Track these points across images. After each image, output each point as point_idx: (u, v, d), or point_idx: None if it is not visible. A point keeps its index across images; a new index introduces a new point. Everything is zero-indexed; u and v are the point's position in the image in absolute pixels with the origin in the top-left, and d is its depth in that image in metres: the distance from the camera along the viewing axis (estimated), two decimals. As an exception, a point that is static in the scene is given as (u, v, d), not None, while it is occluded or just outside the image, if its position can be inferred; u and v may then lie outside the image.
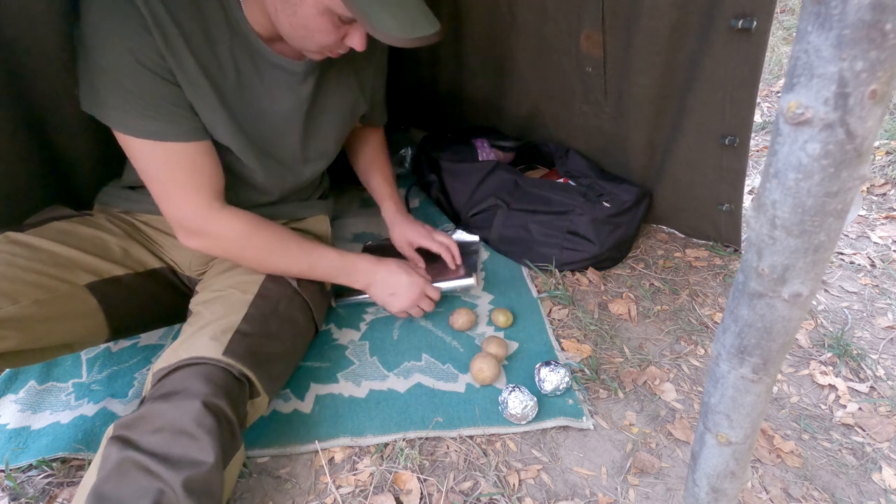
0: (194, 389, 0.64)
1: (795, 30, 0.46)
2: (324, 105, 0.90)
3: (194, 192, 0.77)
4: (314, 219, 1.06)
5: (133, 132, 0.72)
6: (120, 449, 0.59)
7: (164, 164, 0.74)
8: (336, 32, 0.72)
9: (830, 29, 0.28)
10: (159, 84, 0.70)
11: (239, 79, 0.78)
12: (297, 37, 0.73)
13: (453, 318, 1.06)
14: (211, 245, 0.81)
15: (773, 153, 0.33)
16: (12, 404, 0.90)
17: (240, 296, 0.81)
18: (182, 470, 0.58)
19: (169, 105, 0.72)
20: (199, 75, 0.73)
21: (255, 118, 0.82)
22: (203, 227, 0.79)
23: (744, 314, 0.41)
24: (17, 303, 0.68)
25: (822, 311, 1.15)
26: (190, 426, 0.61)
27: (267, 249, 0.84)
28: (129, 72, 0.68)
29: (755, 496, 0.79)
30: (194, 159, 0.76)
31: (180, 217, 0.78)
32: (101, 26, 0.67)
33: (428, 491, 0.78)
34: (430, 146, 1.52)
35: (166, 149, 0.73)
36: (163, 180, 0.76)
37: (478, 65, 1.53)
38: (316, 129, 0.91)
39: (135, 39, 0.67)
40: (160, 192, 0.77)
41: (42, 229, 0.78)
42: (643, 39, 1.08)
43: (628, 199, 1.24)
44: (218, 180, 0.80)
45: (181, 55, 0.71)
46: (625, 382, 0.96)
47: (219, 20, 0.74)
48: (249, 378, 0.72)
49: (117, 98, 0.69)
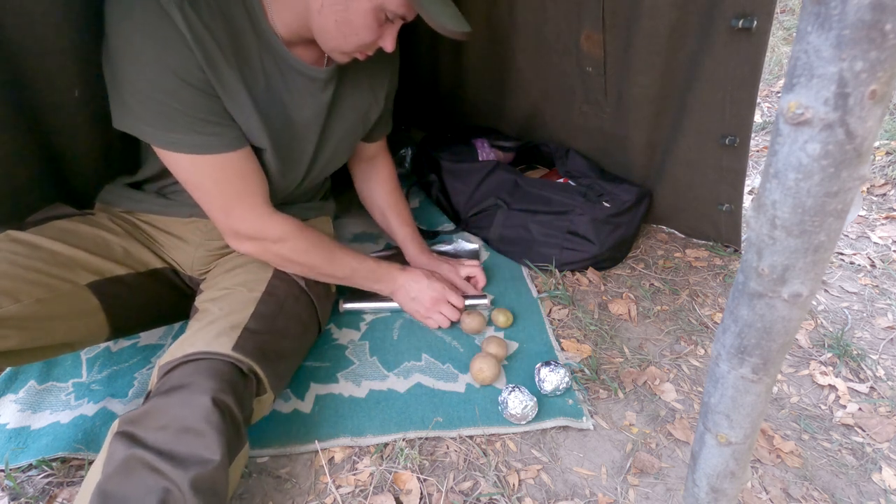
0: (202, 385, 0.64)
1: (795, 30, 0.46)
2: (341, 113, 0.91)
3: (250, 198, 0.80)
4: (318, 220, 1.06)
5: (180, 148, 0.72)
6: (126, 446, 0.59)
7: (217, 176, 0.76)
8: (378, 31, 0.74)
9: (830, 29, 0.28)
10: (202, 98, 0.71)
11: (267, 83, 0.79)
12: (339, 35, 0.73)
13: (463, 322, 1.05)
14: (261, 249, 0.84)
15: (773, 153, 0.33)
16: (12, 404, 0.90)
17: (247, 293, 0.82)
18: (189, 468, 0.58)
19: (213, 118, 0.73)
20: (237, 82, 0.74)
21: (282, 122, 0.83)
22: (260, 232, 0.82)
23: (744, 314, 0.41)
24: (19, 301, 0.68)
25: (822, 312, 1.15)
26: (197, 423, 0.61)
27: (316, 251, 0.88)
28: (173, 90, 0.69)
29: (755, 496, 0.79)
30: (243, 167, 0.78)
31: (239, 226, 0.81)
32: (140, 49, 0.67)
33: (428, 491, 0.78)
34: (430, 146, 1.52)
35: (216, 161, 0.75)
36: (218, 192, 0.78)
37: (478, 65, 1.53)
38: (331, 135, 0.92)
39: (177, 58, 0.68)
40: (217, 205, 0.79)
41: (43, 228, 0.78)
42: (643, 39, 1.08)
43: (628, 199, 1.24)
44: (264, 183, 0.83)
45: (219, 66, 0.71)
46: (625, 382, 0.96)
47: (246, 27, 0.74)
48: (258, 374, 0.72)
49: (160, 116, 0.70)
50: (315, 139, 0.89)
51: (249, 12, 0.74)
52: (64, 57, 0.76)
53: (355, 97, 0.93)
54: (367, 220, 1.44)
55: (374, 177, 1.15)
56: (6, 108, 0.77)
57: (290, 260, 0.87)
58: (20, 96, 0.77)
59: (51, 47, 0.75)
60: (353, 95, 0.92)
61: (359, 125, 0.97)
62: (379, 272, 0.99)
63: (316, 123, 0.87)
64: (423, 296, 1.02)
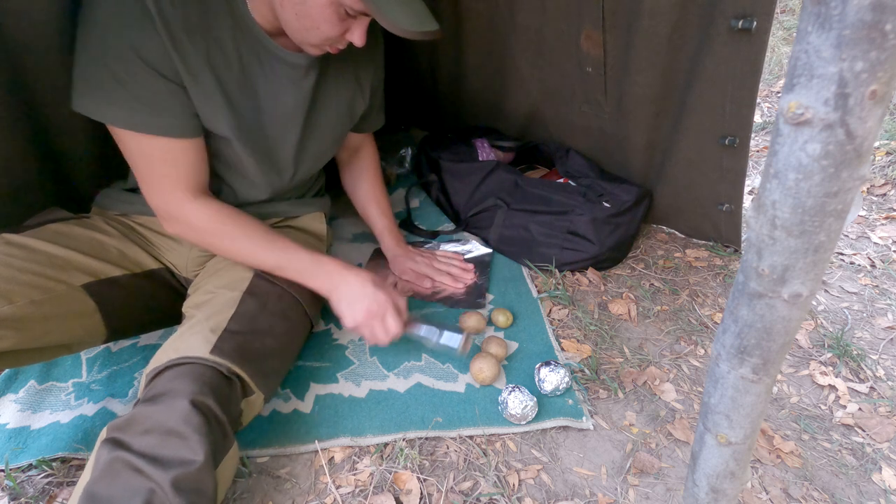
0: (182, 389, 0.64)
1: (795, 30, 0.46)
2: (324, 102, 0.90)
3: (173, 183, 0.79)
4: (309, 216, 1.06)
5: (117, 122, 0.72)
6: (111, 450, 0.60)
7: (146, 155, 0.76)
8: (340, 25, 0.72)
9: (830, 29, 0.28)
10: (157, 80, 0.71)
11: (243, 72, 0.79)
12: (300, 28, 0.73)
13: (463, 321, 1.05)
14: (185, 230, 0.83)
15: (773, 153, 0.33)
16: (12, 404, 0.90)
17: (229, 294, 0.81)
18: (171, 469, 0.58)
19: (161, 100, 0.72)
20: (204, 69, 0.74)
21: (257, 112, 0.82)
22: (176, 214, 0.81)
23: (744, 314, 0.41)
24: (13, 303, 0.68)
25: (822, 312, 1.15)
26: (178, 426, 0.61)
27: (236, 239, 0.84)
28: (127, 64, 0.69)
29: (755, 496, 0.79)
30: (177, 155, 0.77)
31: (157, 202, 0.80)
32: (106, 22, 0.67)
33: (428, 491, 0.78)
34: (430, 146, 1.52)
35: (150, 142, 0.75)
36: (144, 169, 0.78)
37: (478, 65, 1.53)
38: (315, 127, 0.91)
39: (140, 36, 0.68)
40: (142, 178, 0.79)
41: (38, 231, 0.78)
42: (643, 39, 1.08)
43: (628, 199, 1.24)
44: (201, 176, 0.81)
45: (186, 51, 0.71)
46: (625, 382, 0.96)
47: (223, 13, 0.74)
48: (240, 376, 0.72)
49: (107, 88, 0.70)
50: (298, 129, 0.88)
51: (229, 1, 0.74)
52: (64, 57, 0.76)
53: (340, 87, 0.92)
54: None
55: (357, 166, 1.16)
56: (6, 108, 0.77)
57: (212, 244, 0.84)
58: (20, 96, 0.77)
59: (51, 47, 0.75)
60: (337, 85, 0.91)
61: (345, 116, 0.96)
62: (314, 267, 0.87)
63: (298, 113, 0.86)
64: (360, 304, 0.86)
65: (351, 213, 1.48)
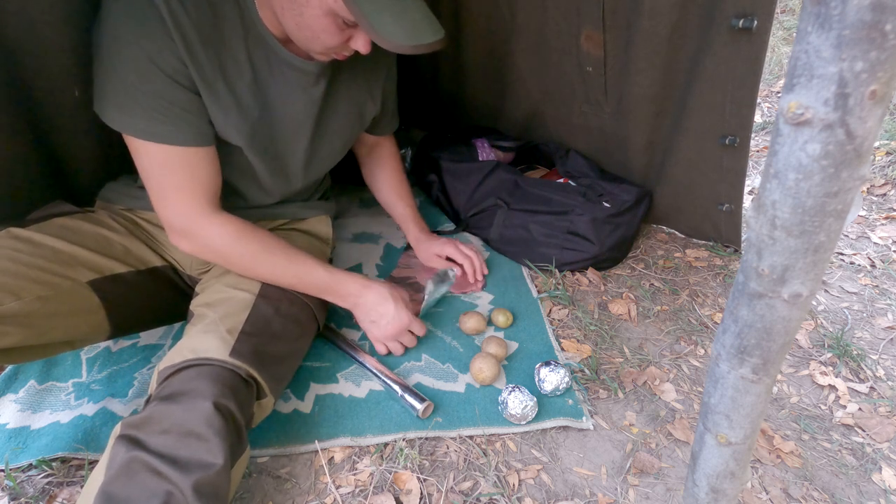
0: (204, 390, 0.64)
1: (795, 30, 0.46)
2: (334, 108, 0.90)
3: (189, 195, 0.77)
4: (316, 219, 1.06)
5: (135, 132, 0.72)
6: (128, 448, 0.59)
7: (162, 165, 0.75)
8: (341, 35, 0.72)
9: (830, 29, 0.28)
10: (173, 88, 0.71)
11: (254, 78, 0.78)
12: (302, 37, 0.73)
13: (463, 321, 1.05)
14: (199, 248, 0.81)
15: (773, 153, 0.33)
16: (12, 404, 0.90)
17: (242, 297, 0.81)
18: (191, 472, 0.58)
19: (177, 109, 0.72)
20: (217, 76, 0.74)
21: (268, 119, 0.82)
22: (192, 230, 0.79)
23: (744, 314, 0.41)
24: (20, 299, 0.68)
25: (822, 312, 1.15)
26: (199, 427, 0.61)
27: (253, 257, 0.83)
28: (144, 73, 0.68)
29: (755, 496, 0.79)
30: (193, 165, 0.76)
31: (172, 218, 0.79)
32: (122, 31, 0.67)
33: (428, 491, 0.78)
34: (430, 146, 1.52)
35: (167, 151, 0.74)
36: (159, 181, 0.76)
37: (478, 65, 1.53)
38: (325, 133, 0.91)
39: (156, 45, 0.67)
40: (155, 192, 0.77)
41: (44, 225, 0.78)
42: (643, 39, 1.08)
43: (628, 199, 1.24)
44: (214, 187, 0.80)
45: (200, 59, 0.71)
46: (625, 382, 0.96)
47: (235, 20, 0.74)
48: (256, 379, 0.72)
49: (125, 98, 0.70)
50: (308, 134, 0.88)
51: (241, 8, 0.74)
52: (64, 57, 0.76)
53: (350, 92, 0.92)
54: (367, 221, 1.44)
55: (377, 159, 1.17)
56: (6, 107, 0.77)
57: (228, 261, 0.83)
58: (20, 96, 0.77)
59: (51, 47, 0.75)
60: (348, 90, 0.91)
61: (355, 122, 0.96)
62: (333, 284, 0.89)
63: (308, 119, 0.86)
64: (385, 322, 0.94)
65: (352, 213, 1.48)
